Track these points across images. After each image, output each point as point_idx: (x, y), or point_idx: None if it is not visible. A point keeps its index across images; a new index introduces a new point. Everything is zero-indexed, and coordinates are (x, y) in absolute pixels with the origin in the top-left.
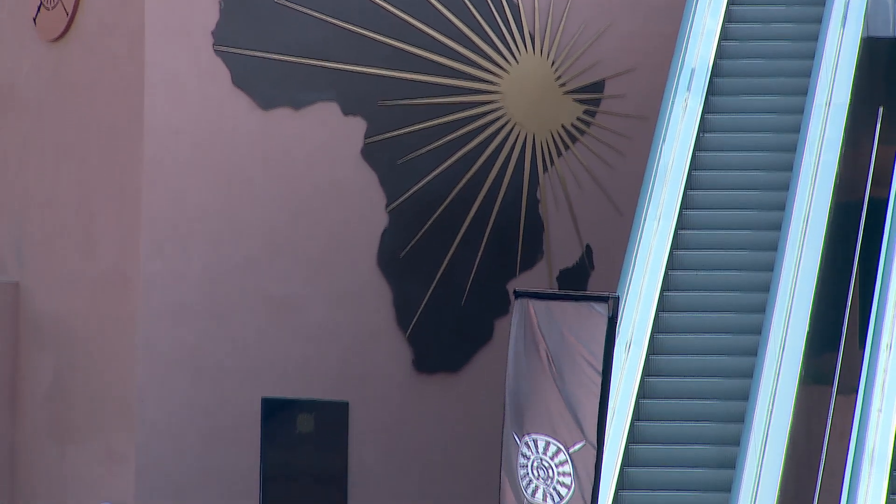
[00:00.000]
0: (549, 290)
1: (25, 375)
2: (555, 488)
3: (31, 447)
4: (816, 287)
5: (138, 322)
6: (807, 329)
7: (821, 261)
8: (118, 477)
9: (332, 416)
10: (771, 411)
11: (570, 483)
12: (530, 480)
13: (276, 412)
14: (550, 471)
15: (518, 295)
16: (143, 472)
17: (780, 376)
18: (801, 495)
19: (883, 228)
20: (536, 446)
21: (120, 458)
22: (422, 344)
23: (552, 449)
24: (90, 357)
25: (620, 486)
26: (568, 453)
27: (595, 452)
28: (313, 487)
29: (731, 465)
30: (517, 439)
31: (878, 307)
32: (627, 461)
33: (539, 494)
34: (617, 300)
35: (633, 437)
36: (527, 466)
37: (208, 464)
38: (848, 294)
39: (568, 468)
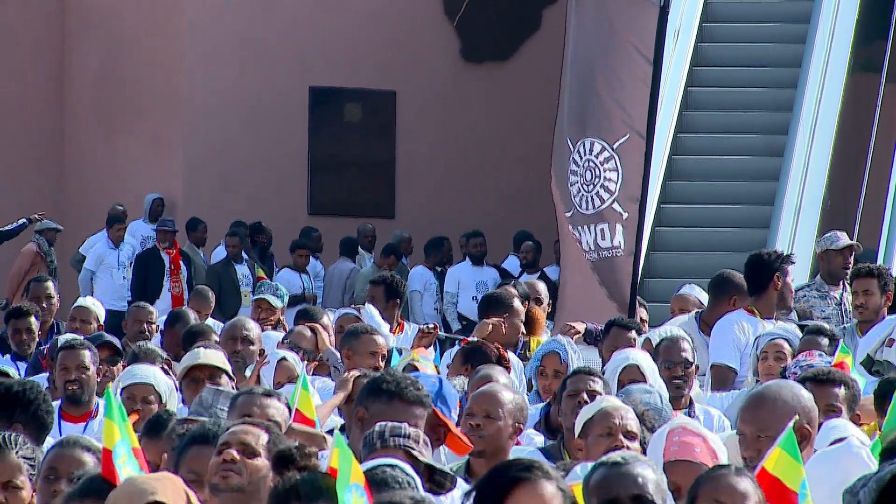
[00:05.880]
0: None
1: (72, 63)
2: (603, 186)
3: (79, 136)
4: None
5: (185, 8)
6: (856, 17)
7: None
8: (166, 166)
9: (380, 105)
10: (819, 100)
11: (616, 178)
12: (583, 196)
13: (323, 101)
14: (597, 170)
15: None
16: (191, 162)
17: (828, 64)
18: (849, 185)
19: None
20: (587, 150)
21: (168, 147)
22: (470, 33)
23: (597, 148)
24: (137, 44)
25: (668, 175)
26: (613, 149)
27: (644, 142)
28: (361, 175)
29: (780, 153)
30: (570, 145)
31: None
32: (675, 150)
33: (589, 205)
34: None
35: (681, 126)
36: (578, 174)
37: (256, 152)
38: None
39: (614, 164)
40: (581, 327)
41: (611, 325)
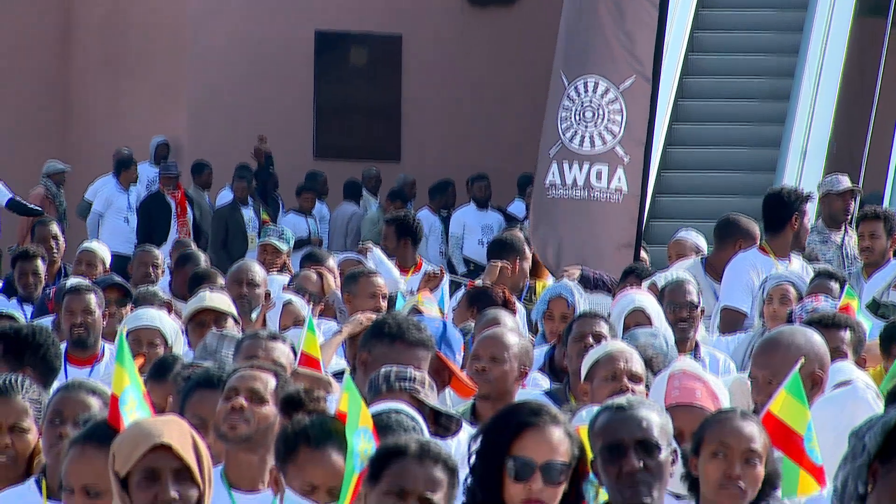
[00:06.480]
0: None
1: (78, 7)
2: (606, 127)
3: (85, 80)
4: None
5: None
6: None
7: None
8: (171, 111)
9: (386, 49)
10: (825, 43)
11: (620, 120)
12: (575, 131)
13: (329, 45)
14: (601, 110)
15: None
16: (196, 106)
17: (834, 7)
18: (855, 128)
19: None
20: (586, 88)
21: (173, 90)
22: None
23: (601, 88)
24: None
25: (674, 118)
26: (618, 91)
27: (650, 86)
28: (366, 120)
29: (786, 97)
30: (565, 81)
31: None
32: (681, 93)
33: (586, 143)
34: None
35: (687, 70)
36: (570, 110)
37: (261, 96)
38: None
39: (619, 105)
40: (575, 271)
41: (629, 273)
